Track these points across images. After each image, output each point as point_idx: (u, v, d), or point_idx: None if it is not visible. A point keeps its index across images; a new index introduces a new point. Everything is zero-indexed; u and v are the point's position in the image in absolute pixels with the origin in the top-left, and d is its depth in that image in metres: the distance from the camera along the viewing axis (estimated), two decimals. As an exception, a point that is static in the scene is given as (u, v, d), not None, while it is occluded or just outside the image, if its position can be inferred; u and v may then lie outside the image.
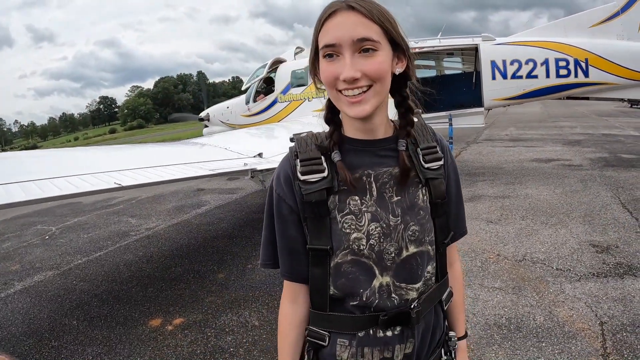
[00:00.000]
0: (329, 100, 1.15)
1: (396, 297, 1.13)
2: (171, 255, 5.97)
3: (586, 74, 8.18)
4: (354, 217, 1.11)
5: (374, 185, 1.12)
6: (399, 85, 1.16)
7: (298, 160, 1.13)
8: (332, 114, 1.17)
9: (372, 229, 1.10)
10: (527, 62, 8.39)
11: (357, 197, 1.11)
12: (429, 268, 1.17)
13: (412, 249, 1.13)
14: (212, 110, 13.78)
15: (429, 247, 1.16)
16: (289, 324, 1.23)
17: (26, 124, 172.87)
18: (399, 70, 1.11)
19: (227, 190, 10.29)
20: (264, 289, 4.50)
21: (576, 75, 8.24)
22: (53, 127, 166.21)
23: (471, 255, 4.74)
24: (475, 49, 9.01)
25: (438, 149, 1.19)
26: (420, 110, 1.24)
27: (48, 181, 3.05)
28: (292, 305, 1.23)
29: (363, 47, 1.01)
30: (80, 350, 3.68)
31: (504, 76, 8.54)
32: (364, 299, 1.12)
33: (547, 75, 8.34)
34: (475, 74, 9.32)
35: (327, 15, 1.03)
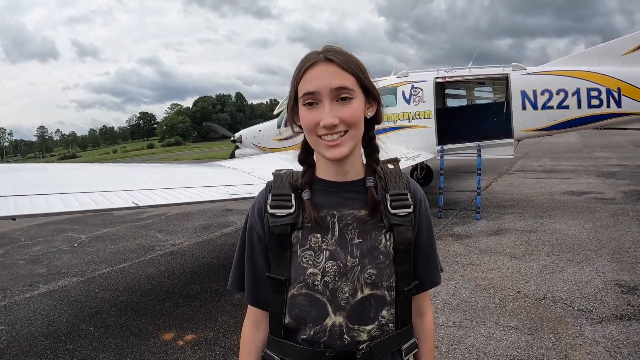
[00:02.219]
0: (303, 142, 1.24)
1: (348, 338, 1.16)
2: (192, 272, 6.08)
3: (618, 104, 7.92)
4: (312, 253, 1.17)
5: (337, 225, 1.18)
6: (367, 126, 1.23)
7: (271, 194, 1.22)
8: (305, 155, 1.26)
9: (328, 266, 1.16)
10: (558, 92, 8.20)
11: (319, 235, 1.18)
12: (384, 312, 1.19)
13: (367, 291, 1.16)
14: (245, 133, 14.04)
15: (386, 292, 1.18)
16: (249, 347, 1.30)
17: (67, 134, 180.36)
18: (370, 114, 1.21)
19: (255, 213, 10.34)
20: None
21: (608, 106, 7.99)
22: (93, 139, 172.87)
23: (490, 292, 4.62)
24: (505, 79, 8.91)
25: (409, 196, 1.23)
26: (399, 159, 1.32)
27: (71, 195, 3.21)
28: (253, 330, 1.30)
29: (340, 95, 1.10)
30: (93, 356, 3.83)
31: (534, 106, 8.37)
32: (313, 334, 1.16)
33: (579, 106, 8.12)
34: (506, 104, 9.21)
35: (307, 66, 1.12)
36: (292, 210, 1.18)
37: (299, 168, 1.27)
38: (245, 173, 5.46)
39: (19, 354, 4.00)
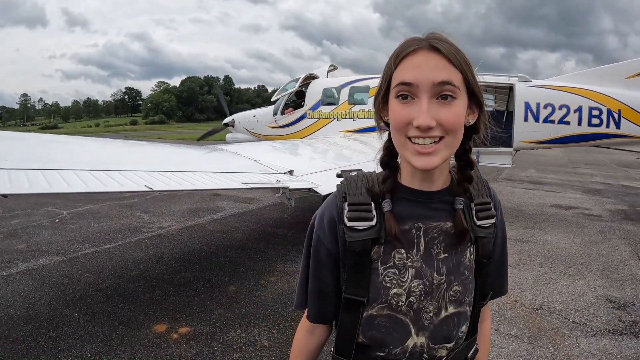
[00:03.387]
0: (388, 141, 1.07)
1: (427, 356, 1.07)
2: (182, 258, 5.89)
3: (618, 126, 8.02)
4: (397, 272, 1.04)
5: (422, 239, 1.06)
6: (464, 136, 1.07)
7: (346, 203, 1.06)
8: (389, 158, 1.09)
9: (414, 286, 1.05)
10: (560, 107, 8.25)
11: (403, 251, 1.05)
12: (464, 328, 1.12)
13: (451, 309, 1.08)
14: (238, 117, 13.80)
15: (467, 308, 1.11)
16: (301, 349, 1.21)
17: (50, 104, 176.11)
18: (470, 121, 1.05)
19: (244, 199, 10.21)
20: (275, 308, 4.38)
21: (608, 126, 8.09)
22: (76, 110, 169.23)
23: (488, 299, 4.60)
24: (510, 89, 8.92)
25: (492, 205, 1.12)
26: (476, 162, 1.16)
27: (73, 173, 2.96)
28: (307, 335, 1.21)
29: (442, 92, 0.94)
30: (79, 346, 3.59)
31: (536, 119, 8.41)
32: (392, 355, 1.06)
33: (579, 123, 8.19)
34: (507, 113, 9.21)
35: (407, 52, 0.96)
36: (373, 223, 1.02)
37: (369, 169, 1.13)
38: (252, 160, 5.26)
39: (-4, 339, 3.72)
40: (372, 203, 1.04)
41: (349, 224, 1.03)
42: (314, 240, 1.12)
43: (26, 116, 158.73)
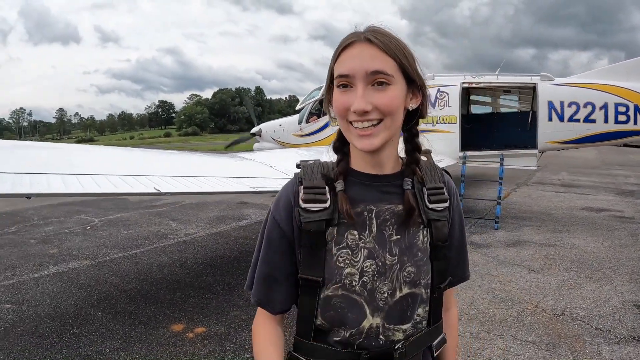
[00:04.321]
0: (340, 129, 1.12)
1: (382, 338, 1.09)
2: (204, 263, 6.03)
3: None
4: (349, 252, 1.08)
5: (374, 221, 1.10)
6: (410, 121, 1.14)
7: (302, 187, 1.11)
8: (341, 144, 1.16)
9: (367, 266, 1.08)
10: (585, 105, 8.02)
11: (355, 232, 1.09)
12: (420, 311, 1.14)
13: (406, 290, 1.10)
14: (265, 127, 14.02)
15: (423, 290, 1.12)
16: (264, 338, 1.18)
17: (86, 118, 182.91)
18: (412, 106, 1.10)
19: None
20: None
21: (635, 122, 7.82)
22: (111, 124, 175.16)
23: (508, 304, 4.51)
24: (533, 88, 8.74)
25: (445, 190, 1.16)
26: (431, 150, 1.22)
27: (89, 177, 3.14)
28: (272, 323, 1.20)
29: (376, 79, 1.00)
30: (99, 342, 3.78)
31: (561, 118, 8.20)
32: (348, 336, 1.09)
33: (606, 120, 7.94)
34: (532, 114, 9.02)
35: (344, 46, 1.03)
36: (327, 205, 1.08)
37: (332, 158, 1.17)
38: (268, 166, 5.35)
39: (23, 334, 3.97)
40: (327, 187, 1.10)
41: (303, 205, 1.08)
42: (269, 222, 1.16)
43: (63, 130, 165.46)
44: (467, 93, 10.48)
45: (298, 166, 1.18)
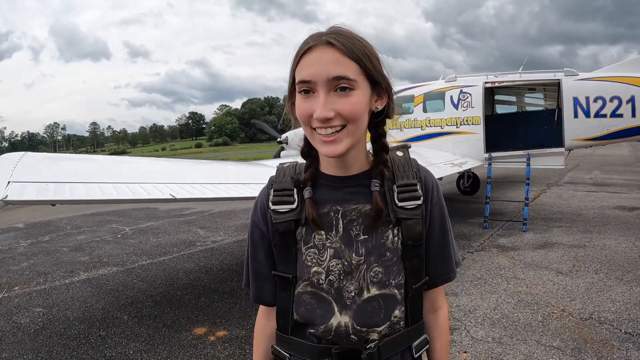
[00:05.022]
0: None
1: (354, 337, 1.10)
2: (230, 269, 6.13)
3: None
4: (316, 251, 1.11)
5: (340, 221, 1.11)
6: (377, 121, 1.14)
7: (272, 189, 1.17)
8: (308, 148, 1.16)
9: (333, 265, 1.10)
10: (611, 100, 7.71)
11: (322, 232, 1.11)
12: (396, 312, 1.13)
13: (374, 291, 1.10)
14: (291, 134, 14.10)
15: (395, 291, 1.11)
16: (260, 332, 1.30)
17: (118, 131, 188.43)
18: (378, 107, 1.10)
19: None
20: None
21: None
22: (143, 136, 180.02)
23: (533, 308, 4.39)
24: (557, 85, 8.48)
25: (418, 187, 1.13)
26: (409, 145, 1.22)
27: (111, 185, 3.27)
28: (264, 321, 1.28)
29: (339, 85, 0.98)
30: (124, 344, 3.92)
31: (587, 114, 7.93)
32: (320, 332, 1.11)
33: (633, 114, 7.60)
34: (557, 111, 8.78)
35: (305, 50, 1.01)
36: (294, 206, 1.12)
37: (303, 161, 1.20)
38: None
39: (52, 336, 4.15)
40: (295, 189, 1.14)
41: (272, 207, 1.14)
42: (251, 224, 1.24)
43: (96, 143, 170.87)
44: (491, 93, 10.30)
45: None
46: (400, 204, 1.10)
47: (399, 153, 1.18)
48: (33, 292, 5.45)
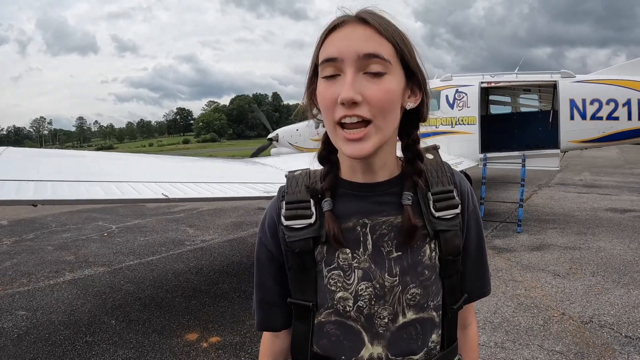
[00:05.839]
0: (325, 134, 0.97)
1: None
2: (221, 270, 5.95)
3: None
4: (341, 274, 0.94)
5: (369, 237, 0.94)
6: (409, 124, 0.97)
7: (284, 202, 0.98)
8: (328, 152, 1.00)
9: (362, 289, 0.93)
10: (608, 102, 7.73)
11: (348, 251, 0.94)
12: (434, 337, 0.98)
13: (411, 315, 0.94)
14: (282, 132, 14.00)
15: (434, 313, 0.97)
16: (266, 351, 1.13)
17: (105, 126, 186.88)
18: (410, 105, 0.93)
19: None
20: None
21: None
22: (130, 131, 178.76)
23: (533, 311, 4.33)
24: (553, 86, 8.49)
25: (455, 193, 0.98)
26: (438, 146, 1.05)
27: (97, 184, 3.09)
28: (272, 338, 1.11)
29: (370, 67, 0.83)
30: (112, 351, 3.72)
31: (583, 116, 7.93)
32: None
33: (629, 117, 7.63)
34: (553, 113, 8.77)
35: (332, 27, 0.87)
36: (312, 221, 0.94)
37: (318, 167, 1.03)
38: (283, 171, 5.26)
39: (36, 342, 3.94)
40: (312, 200, 0.96)
41: (285, 222, 0.96)
42: (257, 244, 1.06)
43: (83, 138, 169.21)
44: (485, 93, 10.26)
45: (286, 177, 1.05)
46: (437, 214, 0.95)
47: (429, 156, 1.02)
48: (16, 293, 5.22)
